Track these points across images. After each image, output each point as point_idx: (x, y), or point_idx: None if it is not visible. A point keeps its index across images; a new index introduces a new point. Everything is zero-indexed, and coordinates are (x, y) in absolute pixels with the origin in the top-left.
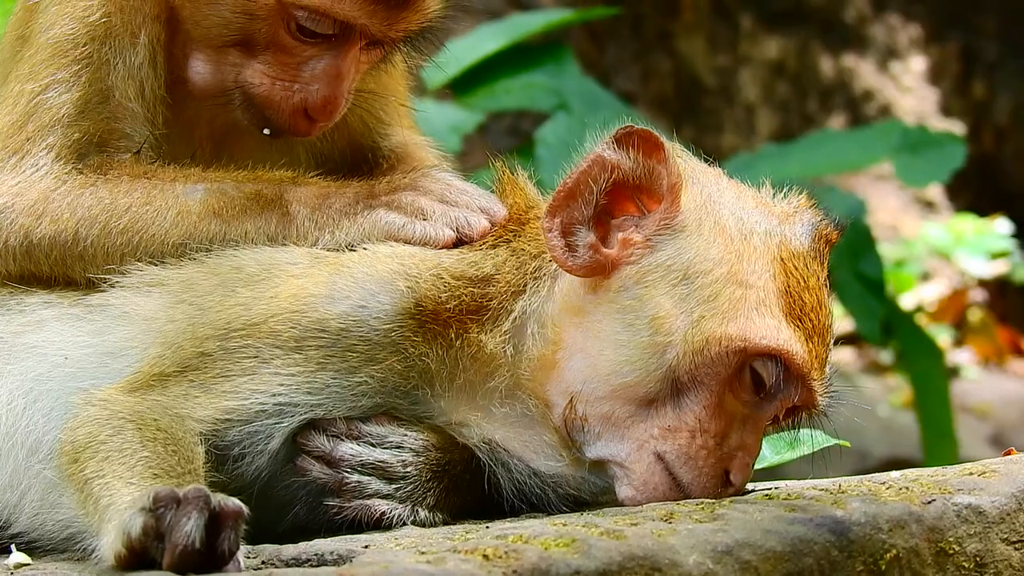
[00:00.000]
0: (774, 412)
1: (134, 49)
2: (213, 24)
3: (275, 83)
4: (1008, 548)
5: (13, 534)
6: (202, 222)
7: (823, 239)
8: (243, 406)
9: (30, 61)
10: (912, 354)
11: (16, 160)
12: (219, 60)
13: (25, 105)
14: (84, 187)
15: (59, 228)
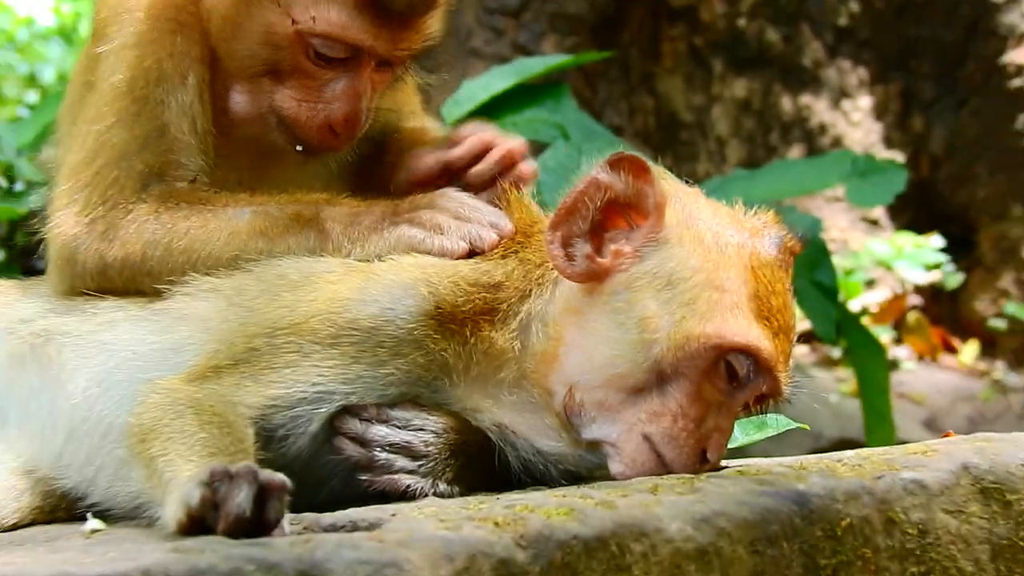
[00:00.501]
0: (745, 399)
1: (184, 89)
2: (245, 57)
3: (301, 104)
4: (947, 517)
5: (90, 504)
6: (250, 240)
7: (787, 250)
8: (287, 394)
9: (95, 104)
10: (858, 350)
11: (87, 192)
12: (253, 89)
13: (93, 143)
14: (149, 214)
15: (128, 251)
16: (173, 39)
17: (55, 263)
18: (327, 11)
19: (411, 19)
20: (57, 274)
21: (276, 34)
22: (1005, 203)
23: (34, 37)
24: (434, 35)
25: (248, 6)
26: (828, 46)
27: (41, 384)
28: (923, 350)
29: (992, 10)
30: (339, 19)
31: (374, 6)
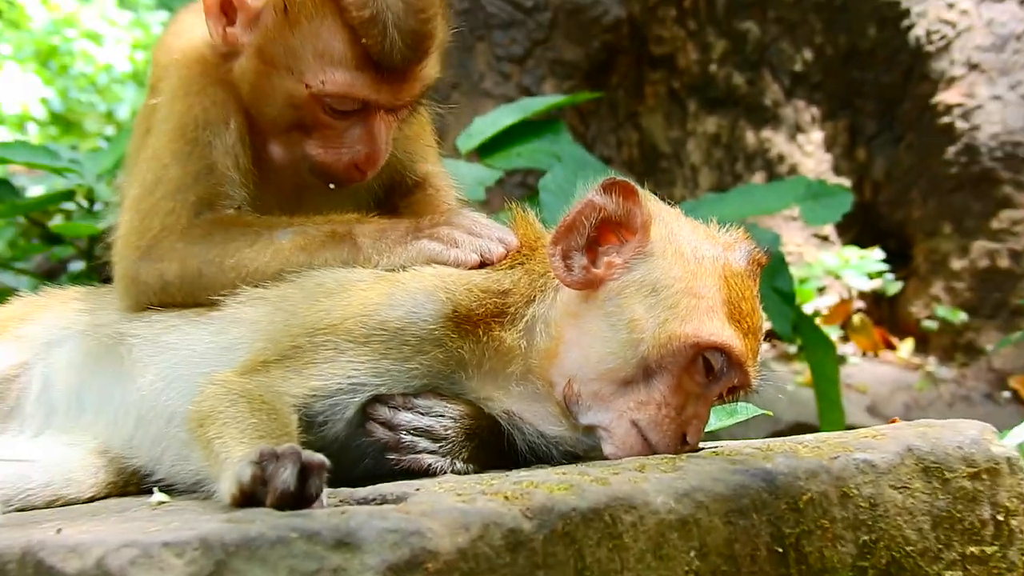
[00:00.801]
0: (719, 390)
1: (227, 132)
2: (273, 117)
3: (328, 151)
4: (893, 492)
5: (156, 479)
6: (292, 255)
7: (755, 262)
8: (326, 385)
9: (153, 146)
10: (812, 347)
11: (148, 219)
12: (287, 142)
13: (152, 179)
14: (202, 236)
15: (185, 269)
16: (215, 91)
17: (121, 283)
18: (334, 74)
19: (406, 71)
20: (123, 293)
21: (295, 97)
22: (936, 222)
23: (112, 81)
24: (431, 80)
25: (269, 77)
26: (785, 88)
27: (115, 378)
28: (867, 347)
29: (925, 58)
30: (345, 79)
31: (373, 65)
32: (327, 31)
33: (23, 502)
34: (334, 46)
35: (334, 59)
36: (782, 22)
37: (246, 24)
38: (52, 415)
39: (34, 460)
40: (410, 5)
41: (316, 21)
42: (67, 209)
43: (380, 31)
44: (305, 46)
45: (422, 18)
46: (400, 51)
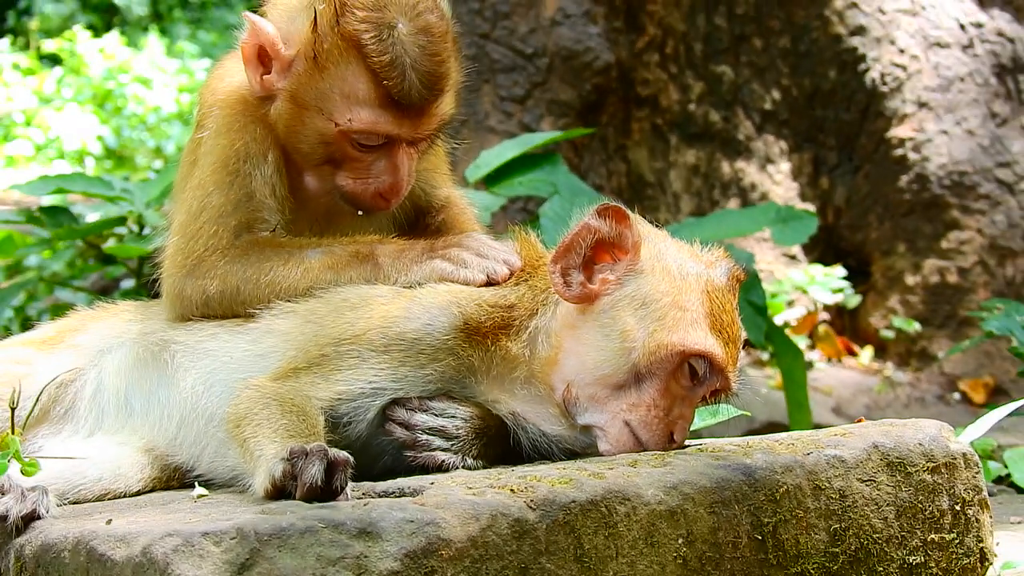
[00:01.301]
0: (703, 393)
1: (266, 164)
2: (307, 152)
3: (356, 182)
4: (861, 484)
5: (197, 475)
6: (321, 273)
7: (735, 278)
8: (350, 390)
9: (198, 177)
10: (782, 354)
11: (192, 242)
12: (319, 174)
13: (197, 206)
14: (241, 256)
15: (226, 286)
16: (254, 128)
17: (168, 298)
18: (359, 113)
19: (424, 108)
20: (170, 307)
21: (325, 135)
22: (891, 243)
23: (160, 120)
24: (447, 115)
25: (302, 118)
26: (756, 125)
27: (159, 382)
28: (831, 354)
29: (880, 97)
30: (370, 117)
31: (394, 103)
32: (352, 75)
33: (76, 496)
34: (359, 88)
35: (359, 99)
36: (753, 66)
37: (280, 71)
38: (103, 416)
39: (87, 458)
40: (425, 49)
41: (342, 66)
42: (119, 233)
43: (399, 73)
44: (333, 89)
45: (436, 60)
46: (418, 90)
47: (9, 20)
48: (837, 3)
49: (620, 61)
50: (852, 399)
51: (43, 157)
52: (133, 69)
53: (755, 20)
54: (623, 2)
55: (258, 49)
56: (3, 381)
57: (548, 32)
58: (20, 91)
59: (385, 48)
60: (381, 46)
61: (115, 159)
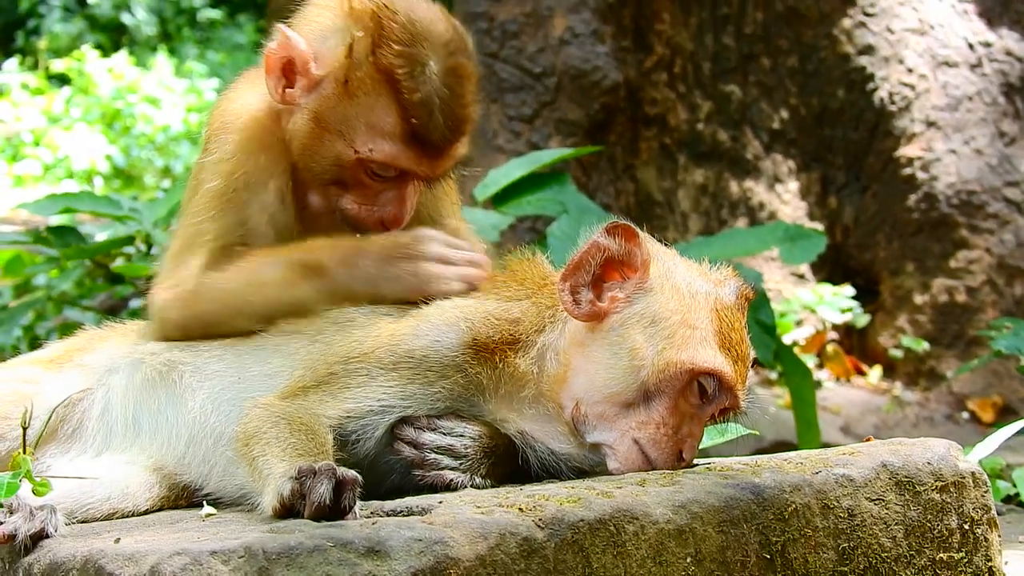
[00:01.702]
0: (712, 412)
1: (266, 192)
2: (318, 172)
3: (361, 207)
4: (869, 503)
5: (205, 494)
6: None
7: (743, 297)
8: (358, 408)
9: (196, 204)
10: (791, 373)
11: (179, 268)
12: (325, 194)
13: (191, 233)
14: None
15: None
16: (259, 156)
17: (153, 321)
18: (381, 144)
19: (444, 149)
20: (154, 328)
21: (342, 159)
22: (900, 262)
23: (169, 140)
24: (462, 156)
25: (320, 137)
26: (765, 144)
27: (168, 401)
28: (839, 373)
29: (888, 117)
30: (390, 150)
31: (416, 140)
32: (380, 107)
33: (85, 515)
34: (386, 121)
35: (384, 132)
36: (761, 85)
37: (306, 89)
38: (111, 436)
39: (97, 477)
40: (454, 93)
41: (372, 97)
42: (128, 252)
43: (427, 113)
44: (359, 116)
45: (462, 104)
46: (441, 131)
47: (18, 40)
48: (845, 23)
49: (628, 80)
50: (860, 418)
51: (52, 177)
52: (142, 89)
53: (763, 39)
54: (631, 21)
55: (285, 61)
56: (11, 400)
57: (556, 51)
58: (29, 111)
59: (417, 86)
60: (413, 83)
61: (123, 179)
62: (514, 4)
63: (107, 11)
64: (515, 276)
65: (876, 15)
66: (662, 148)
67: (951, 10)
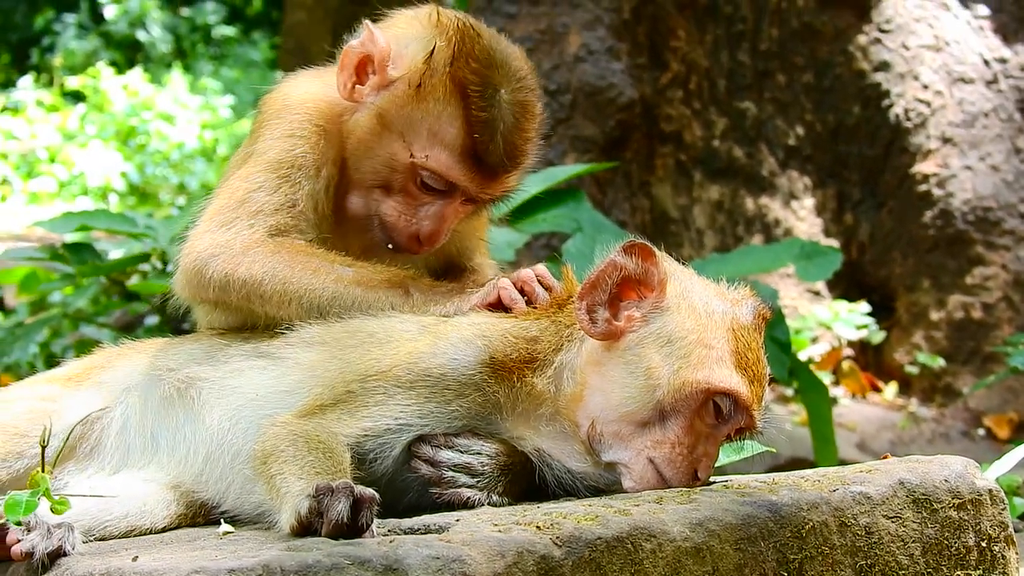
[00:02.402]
0: (727, 431)
1: (316, 179)
2: (368, 171)
3: (400, 216)
4: (887, 521)
5: (223, 511)
6: (349, 287)
7: (760, 317)
8: (376, 426)
9: (249, 168)
10: (807, 390)
11: (226, 227)
12: (367, 196)
13: (240, 195)
14: (273, 251)
15: (251, 273)
16: (318, 140)
17: (185, 274)
18: (438, 153)
19: (499, 172)
20: (184, 284)
21: (396, 161)
22: (916, 279)
23: (184, 157)
24: (511, 188)
25: (380, 136)
26: (780, 160)
27: (185, 419)
28: (855, 390)
29: (904, 133)
30: (446, 161)
31: (473, 158)
32: (447, 117)
33: (103, 532)
34: (449, 131)
35: (444, 141)
36: (776, 102)
37: (376, 87)
38: (129, 453)
39: (113, 495)
40: (518, 122)
41: (441, 105)
42: (143, 270)
43: (490, 134)
44: (424, 122)
45: (524, 136)
46: (499, 155)
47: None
48: (861, 39)
49: (644, 97)
50: (876, 435)
51: (67, 193)
52: (156, 106)
53: (779, 56)
54: (647, 38)
55: (362, 57)
56: (29, 418)
57: (572, 68)
58: (44, 128)
59: (486, 105)
60: (483, 102)
61: (138, 195)
62: (529, 21)
63: (122, 28)
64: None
65: (892, 32)
66: (677, 165)
67: (967, 27)
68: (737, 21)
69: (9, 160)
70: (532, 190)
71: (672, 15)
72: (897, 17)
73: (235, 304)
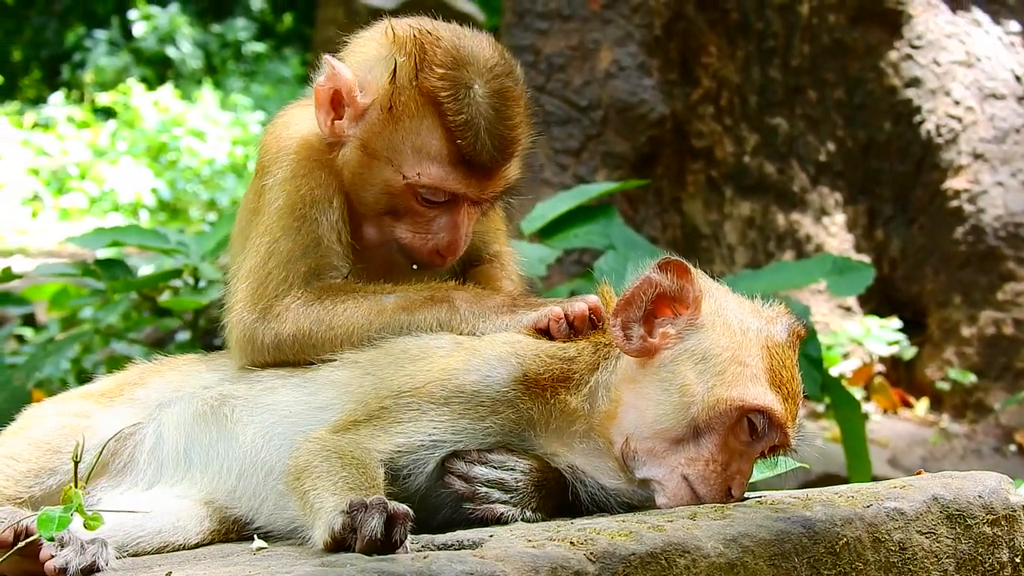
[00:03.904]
0: (761, 449)
1: (331, 210)
2: (370, 202)
3: (415, 236)
4: (921, 537)
5: (256, 527)
6: (395, 315)
7: (795, 334)
8: (409, 442)
9: (264, 223)
10: (839, 405)
11: (263, 287)
12: (379, 224)
13: (264, 251)
14: (313, 300)
15: (298, 328)
16: (320, 174)
17: (238, 344)
18: (429, 168)
19: (493, 170)
20: (239, 352)
21: (392, 186)
22: (947, 294)
23: (214, 173)
24: (513, 179)
25: (369, 166)
26: (811, 176)
27: (219, 436)
28: (886, 406)
29: (935, 149)
30: (438, 173)
31: (464, 162)
32: (426, 130)
33: (136, 548)
34: (431, 144)
35: (430, 155)
36: (808, 118)
37: (353, 118)
38: (162, 469)
39: (147, 511)
40: (500, 113)
41: (417, 121)
42: (175, 286)
43: (473, 134)
44: (405, 141)
45: (509, 125)
46: (489, 152)
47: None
48: (892, 55)
49: (675, 113)
50: (908, 451)
51: (97, 210)
52: (187, 122)
53: (810, 72)
54: (678, 54)
55: (333, 93)
56: (63, 434)
57: (603, 84)
58: (75, 144)
59: (461, 108)
60: (457, 105)
61: (169, 211)
62: (560, 37)
63: (152, 45)
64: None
65: (923, 48)
66: (709, 181)
67: (998, 42)
68: (768, 37)
69: (40, 176)
70: (564, 207)
71: (703, 31)
72: (928, 33)
73: (292, 359)
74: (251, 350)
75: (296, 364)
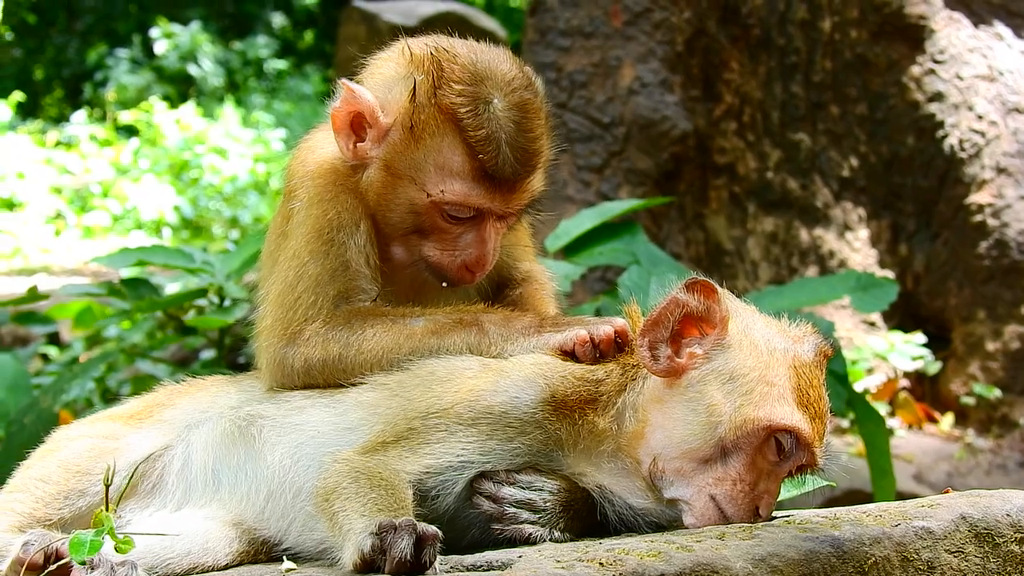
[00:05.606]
0: (789, 468)
1: (358, 233)
2: (396, 222)
3: (443, 253)
4: (949, 556)
5: (284, 548)
6: (424, 339)
7: (822, 354)
8: (438, 463)
9: (292, 248)
10: (864, 421)
11: (292, 312)
12: (406, 244)
13: (293, 276)
14: (342, 324)
15: (328, 352)
16: (345, 198)
17: (268, 368)
18: (452, 184)
19: (516, 183)
20: (269, 376)
21: (416, 204)
22: (971, 309)
23: (236, 191)
24: (537, 192)
25: (394, 186)
26: (834, 192)
27: (247, 456)
28: (911, 421)
29: (958, 164)
30: (462, 189)
31: (487, 177)
32: (447, 147)
33: (165, 570)
34: (453, 160)
35: (453, 171)
36: (830, 133)
37: (375, 140)
38: (191, 491)
39: (176, 534)
40: (520, 126)
41: (438, 138)
42: (200, 305)
43: (494, 148)
44: (427, 159)
45: (530, 137)
46: (511, 165)
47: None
48: (914, 70)
49: (697, 129)
50: (933, 466)
51: (120, 227)
52: (209, 139)
53: (832, 88)
54: (700, 71)
55: (352, 117)
56: (92, 456)
57: (625, 101)
58: (97, 162)
59: (481, 123)
60: (477, 120)
61: (192, 229)
62: (582, 54)
63: (174, 63)
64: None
65: (945, 62)
66: (732, 197)
67: (1021, 56)
68: (790, 53)
69: (63, 195)
70: (588, 224)
71: (725, 47)
72: (951, 48)
73: (322, 383)
74: (281, 374)
75: (326, 387)
